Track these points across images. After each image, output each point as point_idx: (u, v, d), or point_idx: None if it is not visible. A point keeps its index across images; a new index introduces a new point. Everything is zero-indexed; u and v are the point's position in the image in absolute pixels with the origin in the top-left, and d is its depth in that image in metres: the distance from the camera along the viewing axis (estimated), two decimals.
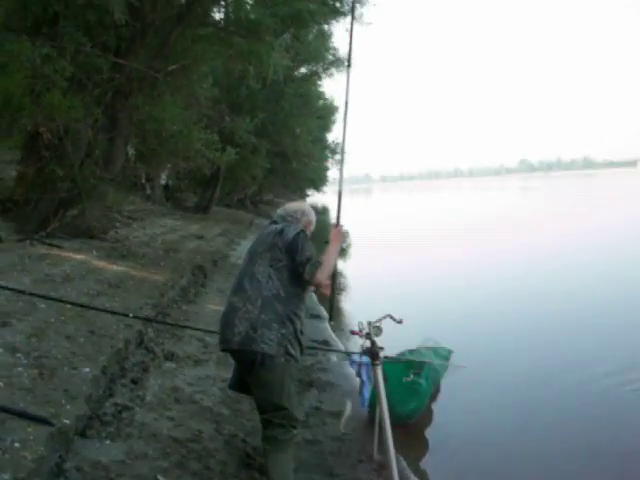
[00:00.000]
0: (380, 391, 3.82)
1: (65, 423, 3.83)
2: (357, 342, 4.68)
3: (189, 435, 4.59)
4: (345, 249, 4.44)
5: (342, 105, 4.74)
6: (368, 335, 4.03)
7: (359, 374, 5.49)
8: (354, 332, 4.35)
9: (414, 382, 5.76)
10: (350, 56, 4.83)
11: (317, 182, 49.18)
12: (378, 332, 4.13)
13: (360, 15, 14.09)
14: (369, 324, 4.08)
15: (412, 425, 5.95)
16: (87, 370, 4.81)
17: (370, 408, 5.54)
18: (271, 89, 23.96)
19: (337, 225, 4.29)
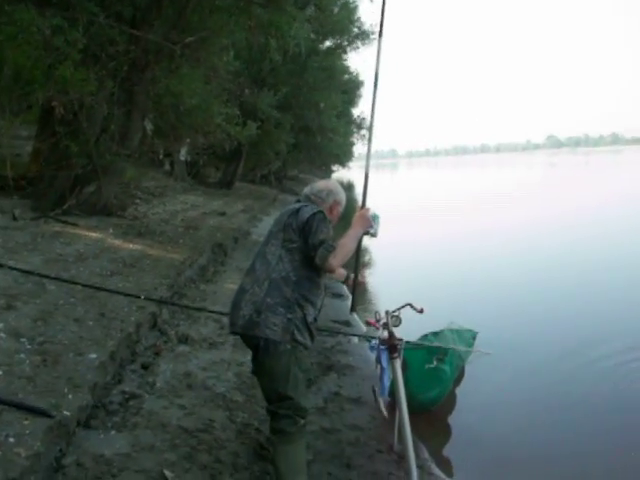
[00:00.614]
0: (399, 385, 3.51)
1: (66, 415, 3.62)
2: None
3: (200, 425, 4.35)
4: (374, 236, 4.12)
5: (370, 79, 4.28)
6: (386, 325, 3.71)
7: (379, 360, 5.20)
8: (370, 322, 4.06)
9: (437, 368, 5.45)
10: (382, 25, 4.36)
11: (342, 157, 48.49)
12: (397, 322, 3.81)
13: None
14: (387, 314, 3.76)
15: (435, 412, 5.67)
16: (94, 356, 4.60)
17: (390, 396, 5.27)
18: (294, 62, 23.56)
19: (362, 207, 3.94)
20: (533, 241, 16.47)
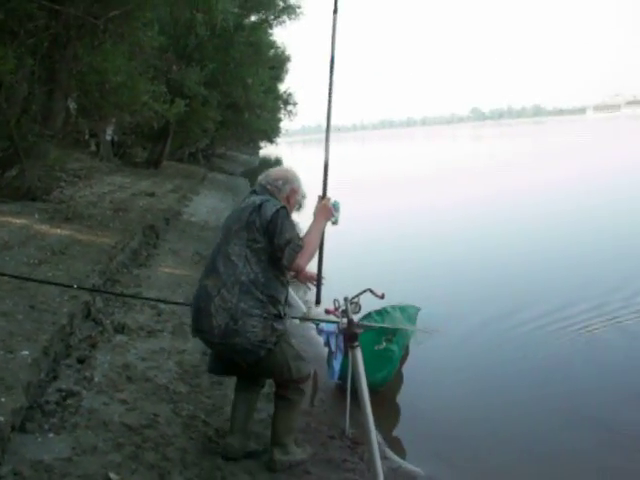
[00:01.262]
0: (360, 375, 3.39)
1: None
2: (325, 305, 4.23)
3: (144, 420, 4.13)
4: (337, 226, 3.95)
5: (297, 54, 4.01)
6: (345, 313, 3.58)
7: (327, 343, 5.09)
8: (329, 310, 3.93)
9: (386, 349, 5.40)
10: (337, 1, 4.06)
11: (270, 134, 48.12)
12: (356, 309, 3.70)
13: None
14: (346, 300, 3.63)
15: (382, 392, 5.62)
16: (26, 353, 4.29)
17: (341, 380, 5.17)
18: (221, 38, 23.07)
19: (323, 197, 3.79)
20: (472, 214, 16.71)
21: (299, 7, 26.24)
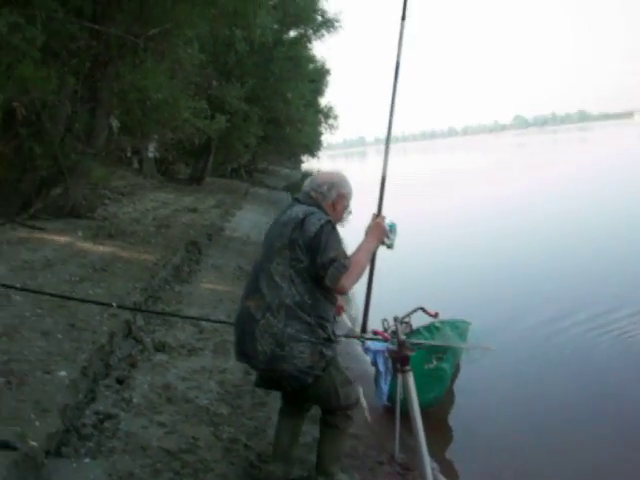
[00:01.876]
0: (412, 401, 3.16)
1: (32, 446, 3.23)
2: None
3: (183, 444, 3.97)
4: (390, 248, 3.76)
5: (336, 68, 3.89)
6: (395, 334, 3.33)
7: (375, 362, 4.87)
8: (377, 332, 3.66)
9: (437, 368, 5.14)
10: (405, 7, 3.89)
11: (311, 147, 48.09)
12: (407, 329, 3.45)
13: None
14: (396, 320, 3.38)
15: (432, 412, 5.36)
16: (64, 374, 4.19)
17: (390, 402, 4.92)
18: (260, 54, 23.17)
19: (378, 215, 3.58)
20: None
21: (337, 21, 26.35)
